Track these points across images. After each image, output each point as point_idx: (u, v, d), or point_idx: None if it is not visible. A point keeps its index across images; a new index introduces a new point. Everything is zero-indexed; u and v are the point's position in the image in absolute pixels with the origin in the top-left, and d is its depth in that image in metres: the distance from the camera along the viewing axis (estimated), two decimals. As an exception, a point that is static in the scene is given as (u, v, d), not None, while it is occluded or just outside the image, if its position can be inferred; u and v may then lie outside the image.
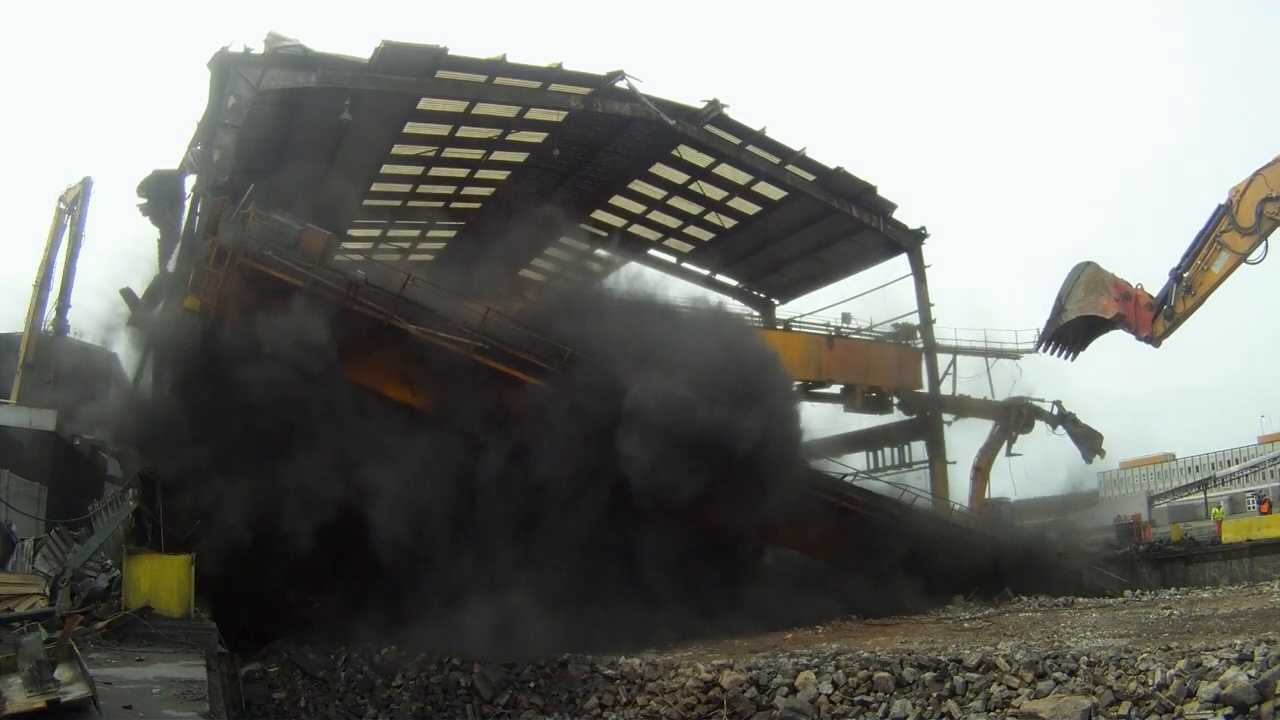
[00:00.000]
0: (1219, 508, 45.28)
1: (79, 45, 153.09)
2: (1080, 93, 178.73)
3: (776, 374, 19.49)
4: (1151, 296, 24.50)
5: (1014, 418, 28.15)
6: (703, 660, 15.58)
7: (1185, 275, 23.77)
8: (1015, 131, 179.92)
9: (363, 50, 19.97)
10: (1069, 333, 25.85)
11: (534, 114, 22.95)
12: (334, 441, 15.68)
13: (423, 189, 26.72)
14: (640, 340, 17.90)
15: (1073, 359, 26.13)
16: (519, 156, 25.41)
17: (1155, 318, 24.31)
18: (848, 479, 22.09)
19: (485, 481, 16.75)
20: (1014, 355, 29.24)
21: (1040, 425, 28.41)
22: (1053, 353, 26.20)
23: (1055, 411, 28.39)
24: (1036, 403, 28.51)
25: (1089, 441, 28.12)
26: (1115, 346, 26.46)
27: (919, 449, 28.95)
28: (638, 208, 29.13)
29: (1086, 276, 25.46)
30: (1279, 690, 12.16)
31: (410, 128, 22.81)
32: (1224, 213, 23.03)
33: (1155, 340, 24.65)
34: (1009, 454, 28.31)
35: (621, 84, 22.57)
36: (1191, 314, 24.12)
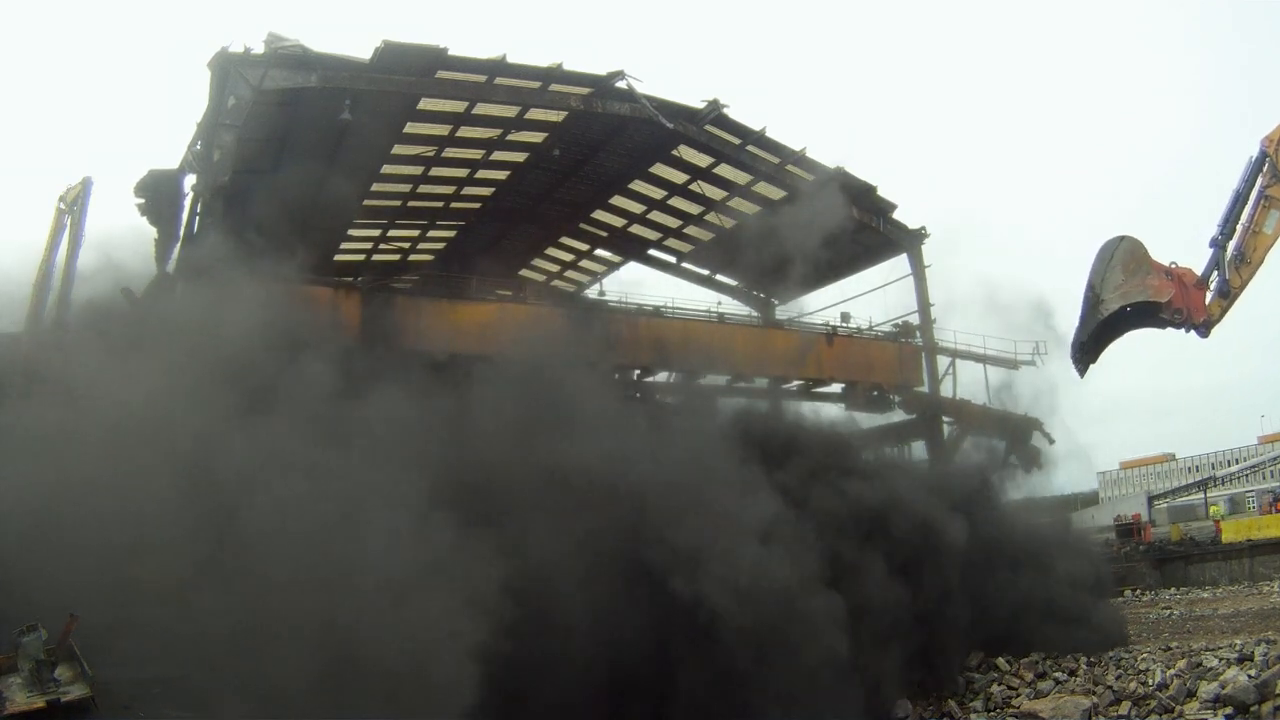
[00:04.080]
0: (1217, 506, 45.23)
1: (79, 45, 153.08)
2: (1080, 92, 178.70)
3: None
4: (1195, 274, 21.26)
5: (1012, 430, 27.70)
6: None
7: (1230, 243, 20.75)
8: (1016, 130, 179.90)
9: (363, 50, 19.94)
10: (1106, 331, 21.89)
11: (534, 114, 22.91)
12: None
13: (423, 189, 26.68)
14: None
15: (1082, 374, 22.91)
16: (519, 156, 25.38)
17: (1211, 298, 20.97)
18: None
19: None
20: (1013, 365, 28.72)
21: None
22: (1082, 360, 22.33)
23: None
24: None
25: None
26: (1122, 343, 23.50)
27: (917, 449, 28.87)
28: (637, 208, 29.11)
29: (1123, 254, 21.54)
30: (1279, 690, 12.19)
31: (410, 128, 22.78)
32: (1260, 167, 20.41)
33: (1210, 325, 21.20)
34: (1005, 464, 27.69)
35: (621, 84, 22.54)
36: (1247, 286, 20.99)
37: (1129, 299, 21.18)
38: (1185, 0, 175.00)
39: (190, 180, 20.29)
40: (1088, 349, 22.31)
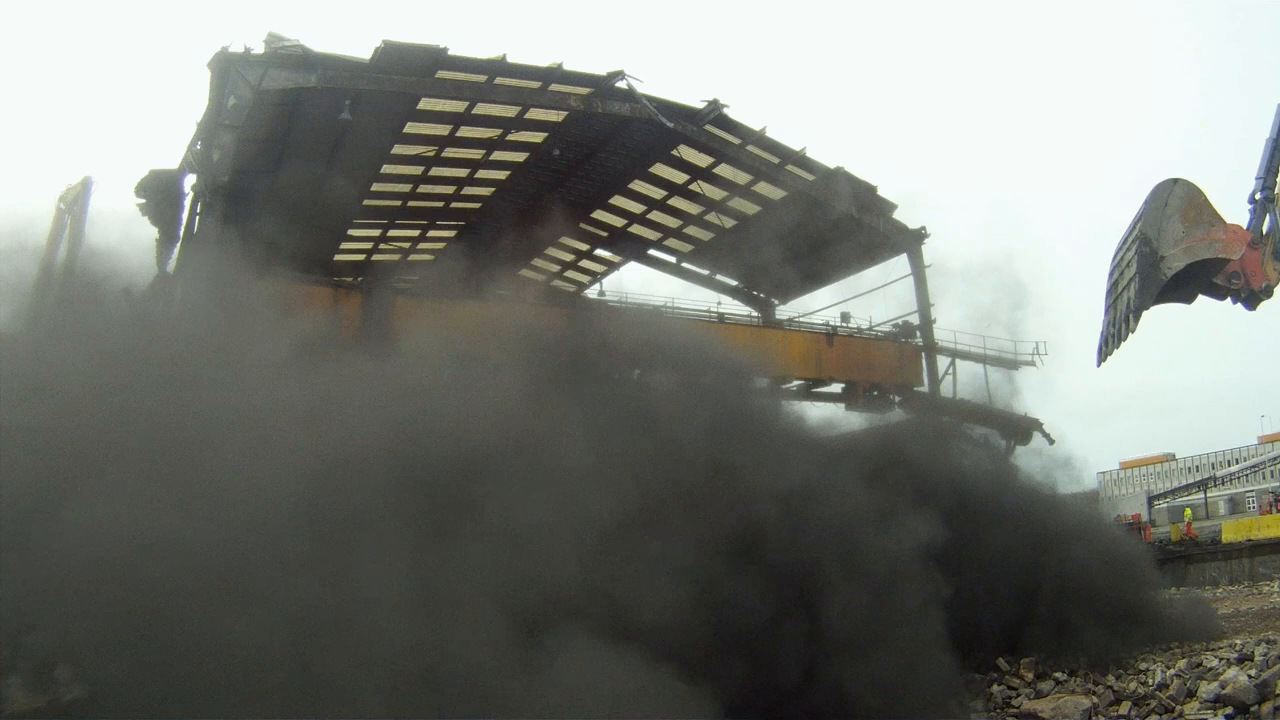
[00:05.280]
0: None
1: (80, 45, 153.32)
2: (1080, 91, 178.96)
3: None
4: (1247, 230, 18.49)
5: (1013, 429, 27.73)
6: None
7: (1277, 198, 18.31)
8: (1016, 130, 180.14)
9: (363, 50, 19.99)
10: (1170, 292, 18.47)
11: (534, 114, 22.93)
12: None
13: (423, 189, 26.70)
14: None
15: (1100, 362, 21.17)
16: (519, 156, 25.40)
17: (1265, 261, 18.32)
18: None
19: None
20: (1013, 365, 28.70)
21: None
22: (1115, 346, 19.63)
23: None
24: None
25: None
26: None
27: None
28: (638, 208, 29.13)
29: (1180, 202, 18.31)
30: (1279, 690, 12.20)
31: (410, 128, 22.80)
32: None
33: (1269, 293, 18.56)
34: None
35: (621, 84, 22.56)
36: None
37: (1195, 255, 18.04)
38: (1185, 0, 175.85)
39: (190, 180, 20.32)
40: (1142, 313, 19.08)
